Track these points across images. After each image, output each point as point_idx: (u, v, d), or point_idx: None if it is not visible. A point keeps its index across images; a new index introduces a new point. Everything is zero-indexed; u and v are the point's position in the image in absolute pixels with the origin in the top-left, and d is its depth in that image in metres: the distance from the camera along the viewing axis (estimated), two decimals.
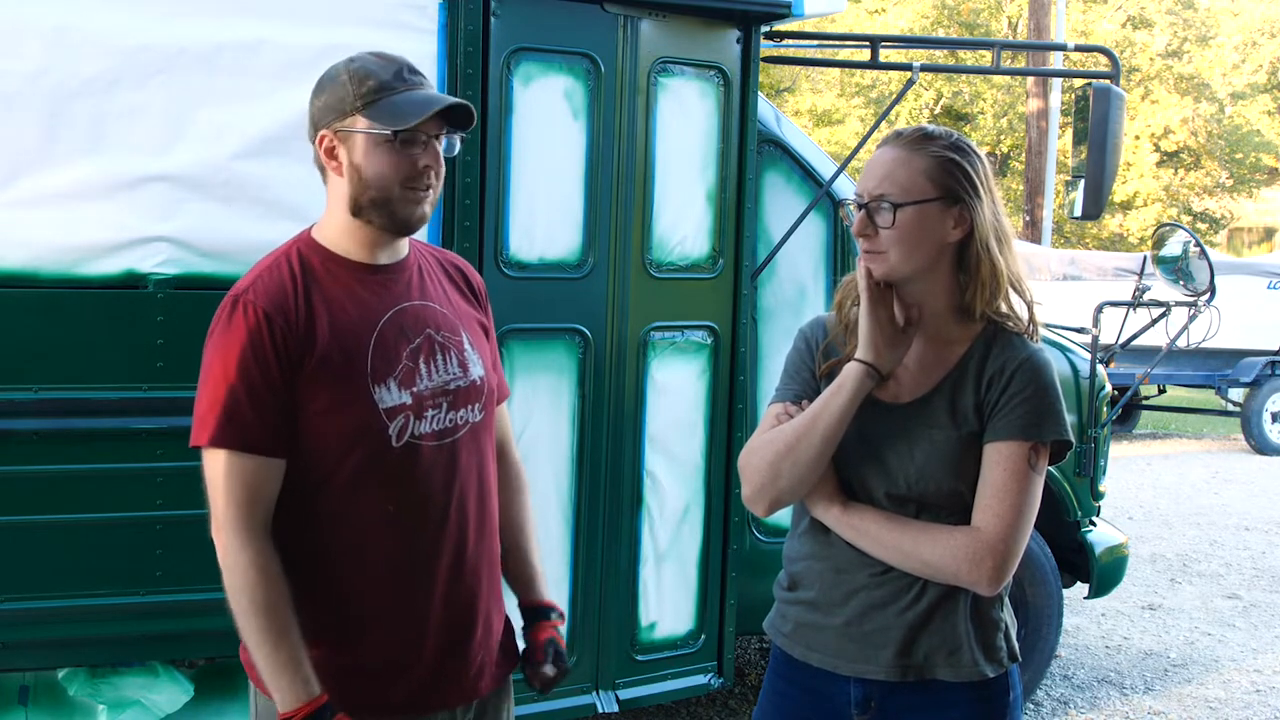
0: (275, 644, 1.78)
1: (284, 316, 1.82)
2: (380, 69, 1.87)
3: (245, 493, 1.80)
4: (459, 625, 1.97)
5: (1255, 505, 9.01)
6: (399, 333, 1.90)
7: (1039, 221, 19.16)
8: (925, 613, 1.90)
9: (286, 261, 1.89)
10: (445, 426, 1.93)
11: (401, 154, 1.85)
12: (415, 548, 1.91)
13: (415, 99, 1.86)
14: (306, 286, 1.86)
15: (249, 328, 1.80)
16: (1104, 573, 4.65)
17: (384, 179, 1.85)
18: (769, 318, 4.11)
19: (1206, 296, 5.12)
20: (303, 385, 1.82)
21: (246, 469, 1.80)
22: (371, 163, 1.85)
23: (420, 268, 2.00)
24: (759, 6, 3.67)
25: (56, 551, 3.00)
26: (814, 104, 24.78)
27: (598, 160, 3.57)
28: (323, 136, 1.88)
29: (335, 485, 1.86)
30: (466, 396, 1.96)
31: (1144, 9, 27.05)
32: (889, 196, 1.87)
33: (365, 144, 1.85)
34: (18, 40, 2.88)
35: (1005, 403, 1.88)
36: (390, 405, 1.86)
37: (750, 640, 5.28)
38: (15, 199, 2.91)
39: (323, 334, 1.83)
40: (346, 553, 1.88)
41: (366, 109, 1.84)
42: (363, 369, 1.85)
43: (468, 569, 1.97)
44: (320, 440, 1.84)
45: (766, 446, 1.92)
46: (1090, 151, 4.10)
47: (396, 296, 1.93)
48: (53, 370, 2.96)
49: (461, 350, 1.98)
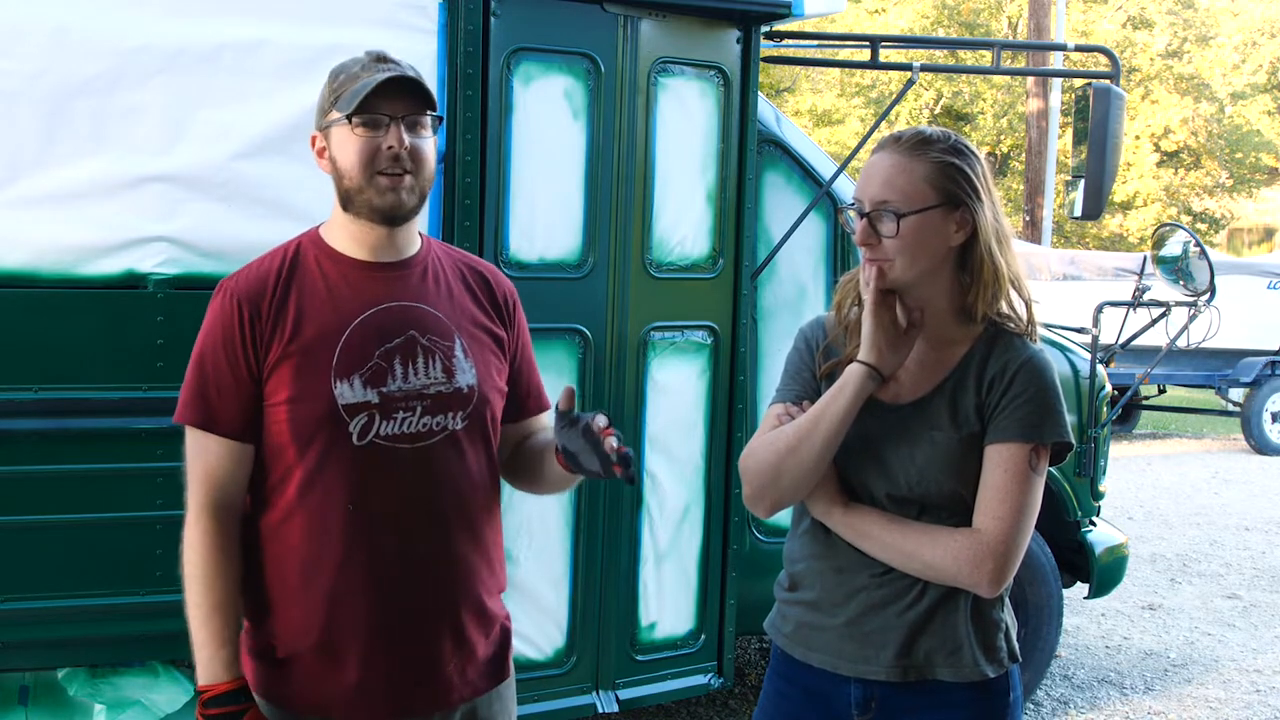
0: (206, 618, 1.85)
1: (255, 305, 1.87)
2: (353, 63, 1.91)
3: (205, 471, 1.88)
4: (420, 633, 1.93)
5: (1255, 505, 9.01)
6: (375, 332, 1.90)
7: (1039, 221, 19.16)
8: (926, 613, 1.90)
9: (283, 253, 1.95)
10: (418, 430, 1.90)
11: (362, 138, 1.87)
12: (374, 548, 1.89)
13: (369, 82, 1.87)
14: (289, 278, 1.90)
15: (224, 314, 1.88)
16: (1104, 573, 4.65)
17: (350, 165, 1.88)
18: (769, 318, 4.11)
19: (1206, 296, 5.12)
20: (267, 374, 1.86)
21: (209, 449, 1.88)
22: (341, 152, 1.89)
23: (428, 269, 1.99)
24: (759, 6, 3.67)
25: (56, 551, 3.00)
26: (814, 104, 24.76)
27: (598, 160, 3.57)
28: (314, 138, 1.95)
29: (297, 477, 1.88)
30: (446, 403, 1.93)
31: (1144, 9, 27.04)
32: (891, 205, 1.86)
33: (336, 135, 1.90)
34: (18, 40, 2.88)
35: (1006, 404, 1.88)
36: (351, 402, 1.86)
37: (750, 640, 5.28)
38: (15, 199, 2.90)
39: (290, 326, 1.87)
40: (301, 545, 1.89)
41: (337, 101, 1.89)
42: (326, 363, 1.86)
43: (440, 580, 1.94)
44: (283, 431, 1.87)
45: (768, 448, 1.92)
46: (1090, 151, 4.10)
47: (383, 295, 1.92)
48: (53, 370, 2.96)
49: (449, 356, 1.95)
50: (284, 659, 1.91)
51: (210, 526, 1.87)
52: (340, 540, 1.88)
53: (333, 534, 1.88)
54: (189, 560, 1.87)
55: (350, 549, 1.88)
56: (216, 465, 1.88)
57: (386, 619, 1.91)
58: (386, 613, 1.91)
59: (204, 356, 1.89)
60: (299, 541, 1.89)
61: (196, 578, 1.86)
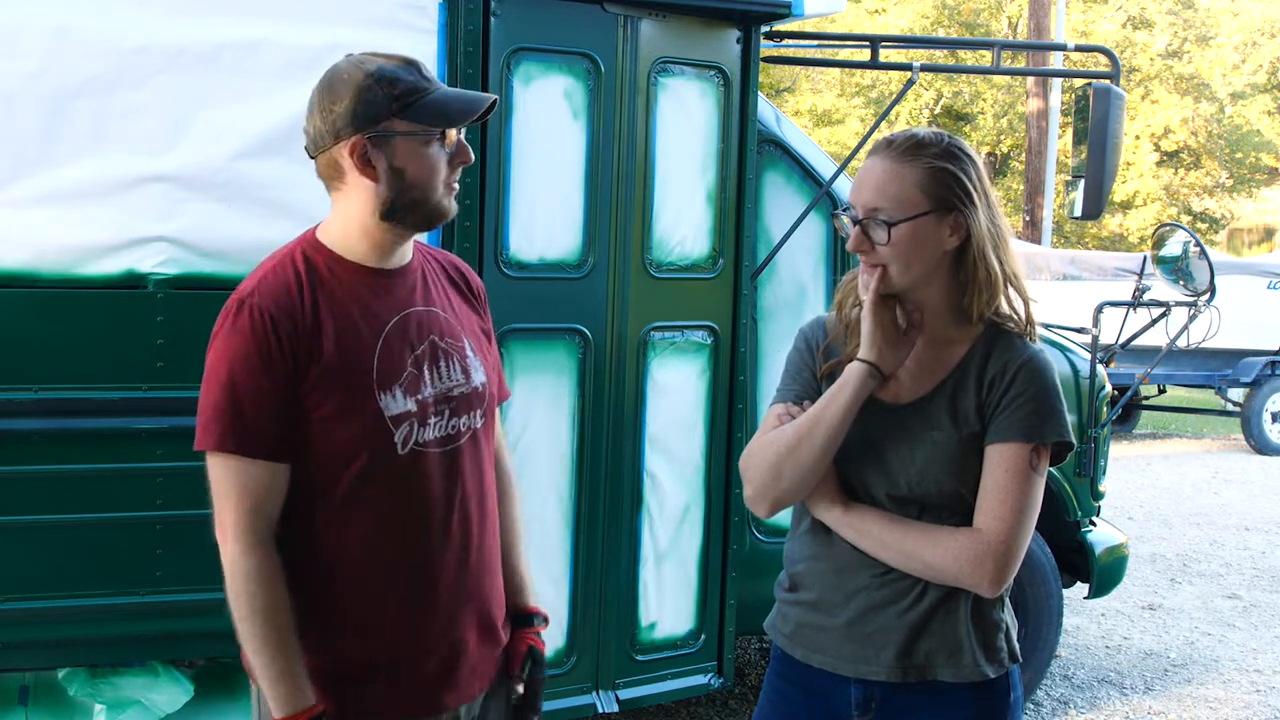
0: (274, 653, 1.78)
1: (290, 320, 1.80)
2: (404, 71, 1.86)
3: (250, 498, 1.79)
4: (461, 630, 1.96)
5: (1255, 505, 9.01)
6: (404, 339, 1.89)
7: (1039, 221, 19.16)
8: (926, 613, 1.90)
9: (292, 263, 1.87)
10: (448, 433, 1.92)
11: (444, 151, 1.88)
12: (419, 554, 1.90)
13: (451, 96, 1.88)
14: (313, 290, 1.84)
15: (255, 330, 1.78)
16: (1104, 573, 4.65)
17: (430, 179, 1.86)
18: (769, 318, 4.11)
19: (1206, 296, 5.12)
20: (307, 391, 1.81)
21: (251, 474, 1.79)
22: (417, 165, 1.85)
23: (424, 272, 2.00)
24: (759, 6, 3.67)
25: (56, 551, 3.00)
26: (814, 104, 24.76)
27: (598, 160, 3.57)
28: (355, 144, 1.84)
29: (340, 491, 1.85)
30: (469, 403, 1.96)
31: (1144, 9, 27.05)
32: (883, 212, 1.86)
33: (408, 147, 1.84)
34: (18, 40, 2.88)
35: (1006, 404, 1.88)
36: (396, 413, 1.85)
37: (750, 640, 5.28)
38: (15, 199, 2.91)
39: (328, 340, 1.82)
40: (351, 559, 1.87)
41: (405, 111, 1.83)
42: (368, 376, 1.84)
43: (470, 573, 1.97)
44: (325, 447, 1.83)
45: (768, 448, 1.92)
46: (1090, 151, 4.10)
47: (401, 302, 1.92)
48: (53, 370, 2.96)
49: (464, 356, 1.97)
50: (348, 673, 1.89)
51: (267, 555, 1.79)
52: (388, 549, 1.88)
53: (381, 543, 1.87)
54: (248, 593, 1.78)
55: (399, 557, 1.89)
56: (259, 489, 1.79)
57: (438, 621, 1.93)
58: (438, 615, 1.93)
59: (236, 377, 1.77)
60: (349, 556, 1.87)
61: (260, 610, 1.78)
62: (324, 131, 1.86)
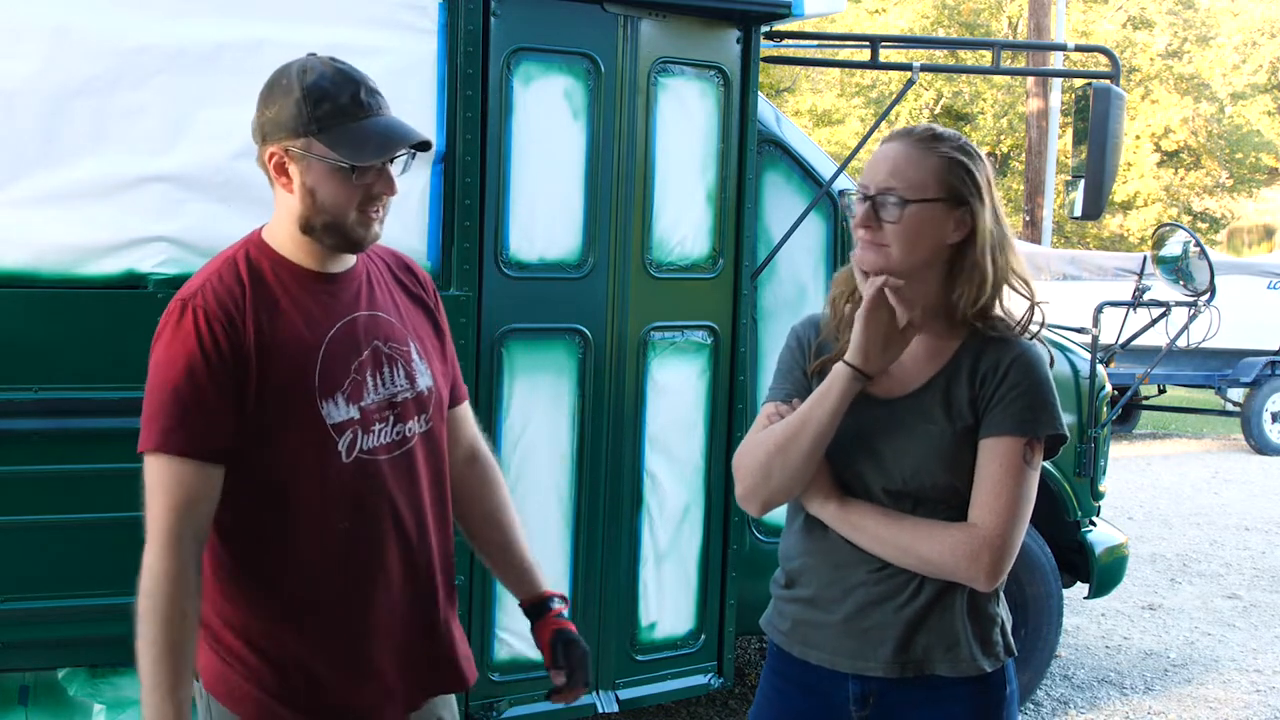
0: (161, 655, 1.72)
1: (232, 324, 1.78)
2: (337, 89, 1.79)
3: (177, 499, 1.75)
4: (413, 635, 1.96)
5: (1255, 505, 9.01)
6: (347, 346, 1.87)
7: (1039, 221, 19.15)
8: (923, 609, 1.91)
9: (235, 266, 1.85)
10: (394, 439, 1.91)
11: (358, 184, 1.81)
12: (370, 561, 1.89)
13: (376, 130, 1.81)
14: (256, 294, 1.82)
15: (198, 333, 1.77)
16: (1104, 573, 4.65)
17: (339, 207, 1.82)
18: (769, 318, 4.11)
19: (1206, 296, 5.12)
20: (249, 396, 1.79)
21: (182, 474, 1.75)
22: (327, 190, 1.81)
23: (369, 275, 1.97)
24: (759, 6, 3.67)
25: (56, 551, 3.00)
26: (814, 104, 24.77)
27: (598, 160, 3.57)
28: (272, 154, 1.82)
29: (286, 498, 1.83)
30: (414, 408, 1.94)
31: (1144, 9, 27.05)
32: (897, 191, 1.87)
33: (320, 170, 1.80)
34: (18, 40, 2.88)
35: (1000, 398, 1.88)
36: (338, 421, 1.84)
37: (750, 640, 5.28)
38: (15, 199, 2.91)
39: (270, 346, 1.80)
40: (300, 565, 1.86)
41: (322, 134, 1.78)
42: (310, 384, 1.82)
43: (423, 579, 1.96)
44: (269, 453, 1.81)
45: (758, 447, 1.93)
46: (1090, 151, 4.10)
47: (345, 307, 1.89)
48: (53, 370, 2.96)
49: (409, 361, 1.95)
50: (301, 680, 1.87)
51: (187, 559, 1.74)
52: (337, 555, 1.86)
53: (331, 550, 1.86)
54: (153, 593, 1.72)
55: (348, 563, 1.87)
56: (195, 493, 1.76)
57: (391, 627, 1.92)
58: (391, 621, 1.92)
59: (178, 379, 1.75)
60: (298, 561, 1.85)
61: (159, 611, 1.71)
62: (255, 130, 1.86)
